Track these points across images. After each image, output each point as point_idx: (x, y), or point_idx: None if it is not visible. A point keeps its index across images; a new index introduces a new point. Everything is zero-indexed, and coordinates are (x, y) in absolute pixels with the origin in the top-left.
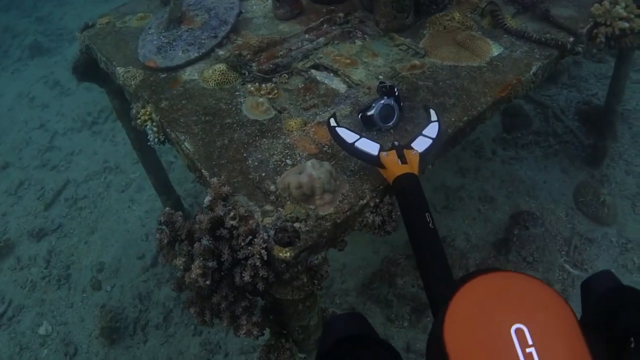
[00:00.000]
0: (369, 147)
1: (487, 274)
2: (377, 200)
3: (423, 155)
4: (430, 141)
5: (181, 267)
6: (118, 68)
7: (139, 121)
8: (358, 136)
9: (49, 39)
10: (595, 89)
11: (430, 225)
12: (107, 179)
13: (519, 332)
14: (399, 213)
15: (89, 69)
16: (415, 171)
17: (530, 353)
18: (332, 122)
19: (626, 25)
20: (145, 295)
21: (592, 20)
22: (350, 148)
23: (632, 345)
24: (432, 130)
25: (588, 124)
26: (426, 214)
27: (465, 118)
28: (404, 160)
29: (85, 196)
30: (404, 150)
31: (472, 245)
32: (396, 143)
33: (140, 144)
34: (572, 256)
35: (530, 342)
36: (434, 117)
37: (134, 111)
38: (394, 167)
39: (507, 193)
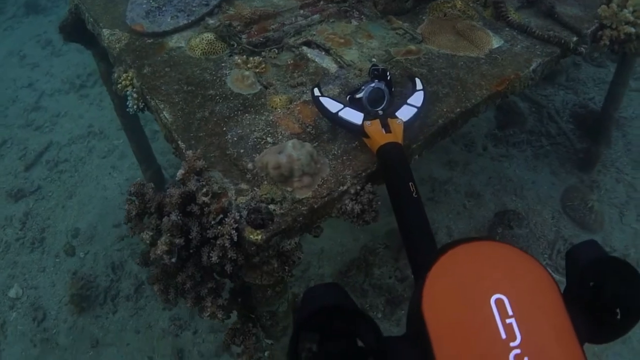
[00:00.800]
0: (353, 116)
1: (468, 242)
2: (358, 188)
3: (407, 124)
4: (415, 110)
5: (148, 242)
6: (104, 30)
7: (119, 86)
8: (342, 105)
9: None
10: (593, 93)
11: (414, 194)
12: (90, 144)
13: (498, 302)
14: (379, 203)
15: (77, 29)
16: (400, 140)
17: (510, 324)
18: (316, 92)
19: (632, 30)
20: (119, 264)
21: (597, 22)
22: (334, 117)
23: (618, 316)
24: (417, 99)
25: (582, 128)
26: (410, 183)
27: (458, 109)
28: (388, 129)
29: (66, 159)
30: (388, 119)
31: (454, 240)
32: (380, 112)
33: (124, 109)
34: (554, 260)
35: (510, 312)
36: (419, 85)
37: (115, 75)
38: (377, 136)
39: (494, 190)
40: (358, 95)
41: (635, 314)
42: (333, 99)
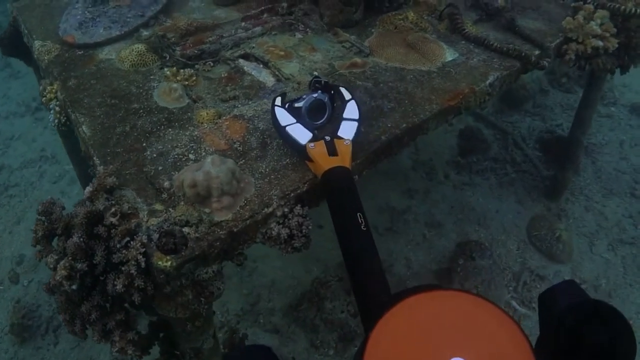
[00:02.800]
0: (300, 134)
1: (422, 293)
2: (286, 210)
3: (354, 142)
4: (356, 124)
5: (51, 266)
6: (36, 42)
7: (44, 99)
8: (294, 121)
9: (8, 20)
10: (561, 119)
11: (362, 226)
12: (42, 169)
13: None
14: (310, 227)
15: (14, 43)
16: (347, 164)
17: None
18: (277, 101)
19: (600, 44)
20: None
21: (562, 35)
22: (282, 132)
23: None
24: (351, 111)
25: (550, 155)
26: (358, 214)
27: (404, 125)
28: (334, 152)
29: (17, 184)
30: (335, 140)
31: (413, 272)
32: (327, 138)
33: (66, 130)
34: (520, 293)
35: None
36: (347, 95)
37: (41, 88)
38: (321, 159)
39: (456, 220)
40: (297, 105)
41: None
42: (289, 112)
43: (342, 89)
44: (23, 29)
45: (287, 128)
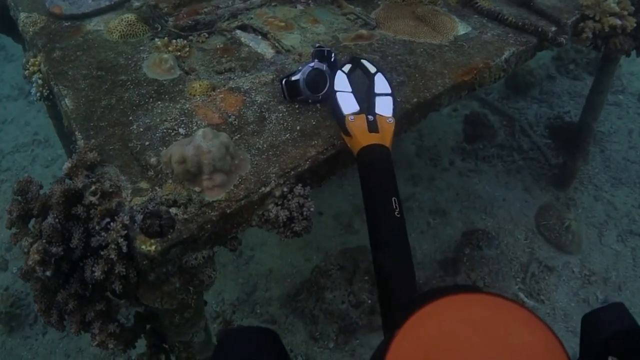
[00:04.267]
0: (347, 103)
1: (456, 294)
2: (285, 190)
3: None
4: (390, 98)
5: (25, 250)
6: (21, 14)
7: (27, 72)
8: (349, 89)
9: None
10: (568, 106)
11: (396, 213)
12: (34, 152)
13: None
14: (312, 209)
15: (3, 19)
16: (387, 143)
17: None
18: (346, 68)
19: (618, 22)
20: None
21: (578, 13)
22: (331, 95)
23: None
24: (381, 84)
25: (558, 142)
26: (393, 198)
27: (415, 100)
28: (374, 129)
29: (8, 168)
30: (377, 116)
31: (417, 262)
32: (370, 117)
33: (55, 111)
34: (527, 284)
35: None
36: (372, 68)
37: (24, 60)
38: (360, 134)
39: (462, 208)
40: (294, 78)
41: None
42: (349, 79)
43: (365, 62)
44: (9, 2)
45: (337, 93)
